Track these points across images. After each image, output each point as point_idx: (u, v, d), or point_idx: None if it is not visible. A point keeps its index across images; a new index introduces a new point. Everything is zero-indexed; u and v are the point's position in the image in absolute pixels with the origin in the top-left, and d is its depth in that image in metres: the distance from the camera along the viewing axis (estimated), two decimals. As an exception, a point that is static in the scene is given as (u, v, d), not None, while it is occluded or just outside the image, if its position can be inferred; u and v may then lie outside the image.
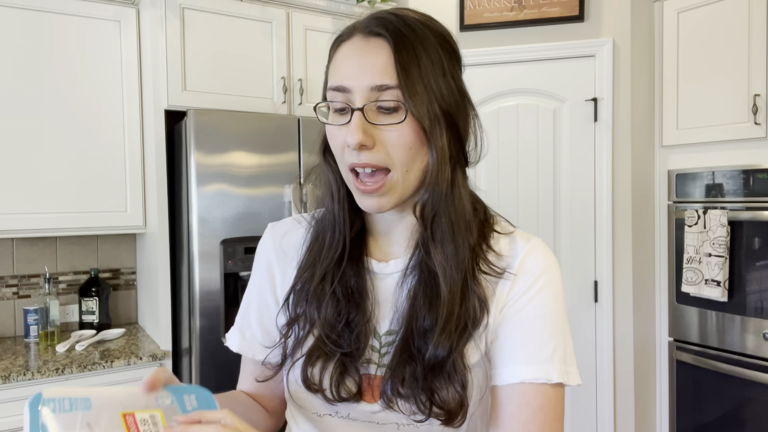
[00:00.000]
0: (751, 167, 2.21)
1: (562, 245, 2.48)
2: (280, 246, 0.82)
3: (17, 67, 2.12)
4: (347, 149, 0.67)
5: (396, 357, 0.68)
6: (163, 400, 0.58)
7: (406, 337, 0.68)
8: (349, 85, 0.66)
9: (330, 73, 0.70)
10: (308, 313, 0.73)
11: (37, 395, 0.53)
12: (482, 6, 2.49)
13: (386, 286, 0.73)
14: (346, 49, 0.69)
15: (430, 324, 0.67)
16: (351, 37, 0.69)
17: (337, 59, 0.70)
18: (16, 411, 1.90)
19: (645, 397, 2.52)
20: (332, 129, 0.69)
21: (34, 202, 2.15)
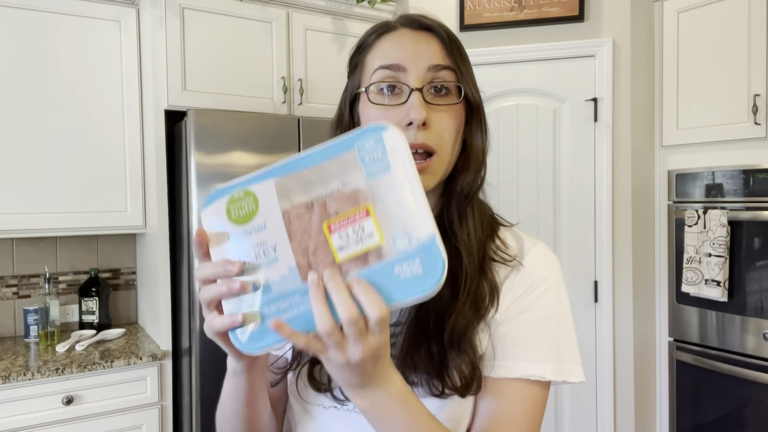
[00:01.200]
0: (751, 167, 2.21)
1: (562, 245, 2.48)
2: None
3: (17, 67, 2.12)
4: (404, 129, 0.67)
5: (407, 340, 0.68)
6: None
7: (419, 318, 0.68)
8: (405, 65, 0.68)
9: (373, 58, 0.71)
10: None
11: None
12: (482, 6, 2.49)
13: None
14: (394, 37, 0.71)
15: (448, 301, 0.68)
16: (396, 29, 0.72)
17: (383, 45, 0.71)
18: (16, 411, 1.90)
19: (645, 397, 2.52)
20: (381, 110, 0.69)
21: (34, 202, 2.15)
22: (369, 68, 0.71)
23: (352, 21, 2.53)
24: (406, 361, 0.67)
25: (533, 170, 2.49)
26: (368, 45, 0.73)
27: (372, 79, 0.70)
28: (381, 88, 0.69)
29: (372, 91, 0.70)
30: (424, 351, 0.67)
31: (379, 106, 0.69)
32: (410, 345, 0.68)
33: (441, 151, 0.69)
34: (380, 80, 0.69)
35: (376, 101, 0.69)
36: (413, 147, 0.66)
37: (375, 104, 0.69)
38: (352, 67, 0.76)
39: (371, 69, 0.71)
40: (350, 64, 0.77)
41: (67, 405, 1.97)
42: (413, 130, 0.67)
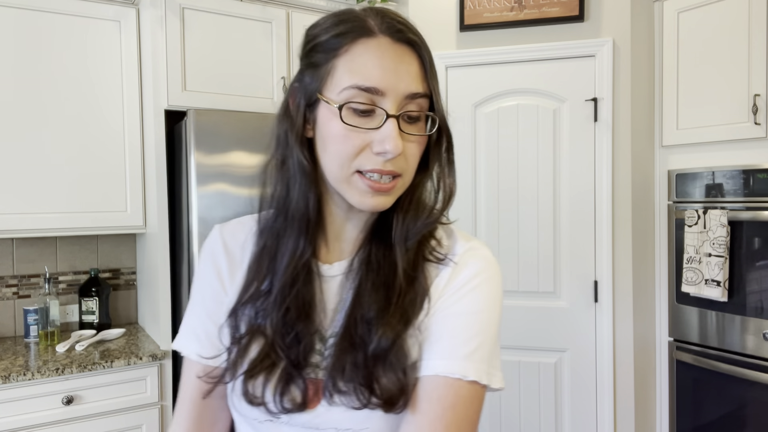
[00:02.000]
0: (751, 167, 2.21)
1: (562, 245, 2.48)
2: (228, 248, 0.78)
3: (17, 67, 2.12)
4: (366, 153, 0.64)
5: (337, 348, 0.66)
6: None
7: (348, 327, 0.67)
8: (384, 89, 0.63)
9: (349, 69, 0.64)
10: (256, 325, 0.69)
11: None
12: (482, 6, 2.49)
13: (332, 288, 0.72)
14: (372, 49, 0.64)
15: (375, 312, 0.66)
16: (375, 37, 0.65)
17: (359, 56, 0.64)
18: (16, 411, 1.90)
19: (645, 397, 2.52)
20: (348, 131, 0.64)
21: (34, 202, 2.15)
22: (339, 79, 0.64)
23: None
24: (335, 364, 0.65)
25: (533, 170, 2.49)
26: (339, 47, 0.65)
27: (343, 95, 0.64)
28: (356, 109, 0.64)
29: (345, 110, 0.64)
30: (351, 361, 0.65)
31: (351, 128, 0.64)
32: (339, 355, 0.66)
33: (405, 174, 0.67)
34: (356, 103, 0.63)
35: (348, 121, 0.64)
36: (380, 173, 0.64)
37: (347, 125, 0.64)
38: (312, 62, 0.68)
39: (342, 82, 0.64)
40: (309, 57, 0.68)
41: (67, 405, 1.97)
42: (381, 159, 0.64)
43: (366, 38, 0.65)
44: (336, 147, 0.65)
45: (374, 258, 0.70)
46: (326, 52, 0.66)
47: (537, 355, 2.50)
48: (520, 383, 2.50)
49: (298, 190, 0.69)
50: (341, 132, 0.65)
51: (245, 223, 0.79)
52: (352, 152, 0.65)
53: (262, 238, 0.73)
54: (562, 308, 2.48)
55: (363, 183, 0.65)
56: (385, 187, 0.65)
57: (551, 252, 2.48)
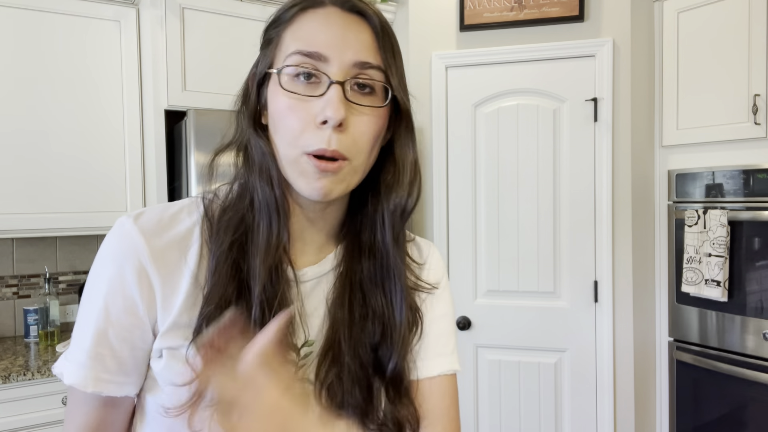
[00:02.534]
0: (751, 167, 2.21)
1: (562, 245, 2.48)
2: (155, 244, 0.62)
3: (17, 67, 2.12)
4: (311, 129, 0.59)
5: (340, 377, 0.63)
6: None
7: (338, 344, 0.64)
8: (327, 54, 0.59)
9: (292, 38, 0.61)
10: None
11: None
12: (482, 6, 2.49)
13: (305, 292, 0.67)
14: (319, 17, 0.61)
15: (377, 338, 0.66)
16: (323, 7, 0.62)
17: (305, 24, 0.61)
18: (16, 411, 1.90)
19: (645, 397, 2.52)
20: (293, 99, 0.59)
21: (34, 202, 2.15)
22: (285, 48, 0.61)
23: None
24: (332, 396, 0.63)
25: (533, 170, 2.49)
26: (287, 19, 0.62)
27: (286, 62, 0.60)
28: (297, 74, 0.60)
29: (285, 75, 0.60)
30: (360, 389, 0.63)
31: (291, 95, 0.60)
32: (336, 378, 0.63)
33: (353, 158, 0.61)
34: (294, 67, 0.60)
35: (289, 88, 0.60)
36: (323, 153, 0.59)
37: (287, 91, 0.60)
38: (265, 41, 0.65)
39: (287, 50, 0.61)
40: (264, 37, 0.66)
41: (67, 405, 1.97)
42: (327, 130, 0.58)
43: (314, 8, 0.62)
44: (283, 123, 0.61)
45: (354, 268, 0.67)
46: (275, 26, 0.64)
47: (537, 355, 2.50)
48: (520, 383, 2.50)
49: (263, 174, 0.63)
50: (286, 104, 0.60)
51: (175, 214, 0.65)
52: (297, 126, 0.59)
53: (228, 233, 0.62)
54: (562, 308, 2.48)
55: (310, 164, 0.59)
56: (331, 167, 0.59)
57: (551, 252, 2.48)
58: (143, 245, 0.61)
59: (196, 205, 0.66)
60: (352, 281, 0.67)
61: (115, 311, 0.61)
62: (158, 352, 0.62)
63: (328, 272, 0.68)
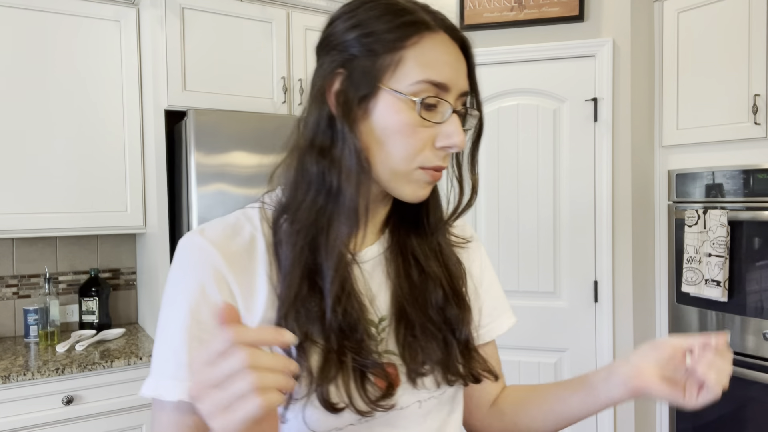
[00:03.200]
0: (751, 167, 2.21)
1: (562, 245, 2.48)
2: (228, 252, 0.65)
3: (17, 66, 2.12)
4: (429, 148, 0.65)
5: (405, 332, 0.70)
6: None
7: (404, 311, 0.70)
8: (451, 85, 0.64)
9: (419, 63, 0.63)
10: (305, 329, 0.63)
11: None
12: (482, 6, 2.49)
13: (367, 271, 0.71)
14: (438, 45, 0.64)
15: (441, 300, 0.72)
16: (437, 32, 0.65)
17: (428, 51, 0.63)
18: (16, 411, 1.90)
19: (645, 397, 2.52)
20: (420, 123, 0.63)
21: (34, 202, 2.15)
22: (409, 72, 0.63)
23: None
24: (413, 356, 0.69)
25: (533, 170, 2.49)
26: (408, 36, 0.63)
27: (415, 89, 0.63)
28: (424, 102, 0.63)
29: (422, 105, 0.63)
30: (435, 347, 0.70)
31: (423, 122, 0.63)
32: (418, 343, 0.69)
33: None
34: (431, 98, 0.63)
35: (427, 117, 0.63)
36: (439, 168, 0.66)
37: (423, 119, 0.63)
38: (369, 50, 0.64)
39: (414, 76, 0.63)
40: (369, 40, 0.64)
41: (67, 405, 1.97)
42: (442, 154, 0.66)
43: (431, 33, 0.64)
44: (402, 141, 0.64)
45: (406, 243, 0.74)
46: (387, 42, 0.63)
47: (537, 355, 2.50)
48: (520, 383, 2.50)
49: (354, 181, 0.64)
50: (410, 125, 0.63)
51: (236, 224, 0.69)
52: (419, 146, 0.64)
53: (300, 236, 0.65)
54: (562, 308, 2.48)
55: (424, 175, 0.66)
56: (438, 177, 0.68)
57: (551, 252, 2.48)
58: (216, 254, 0.65)
59: (251, 213, 0.71)
60: (404, 254, 0.73)
61: (203, 321, 0.63)
62: None
63: (384, 250, 0.74)
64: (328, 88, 0.66)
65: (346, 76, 0.65)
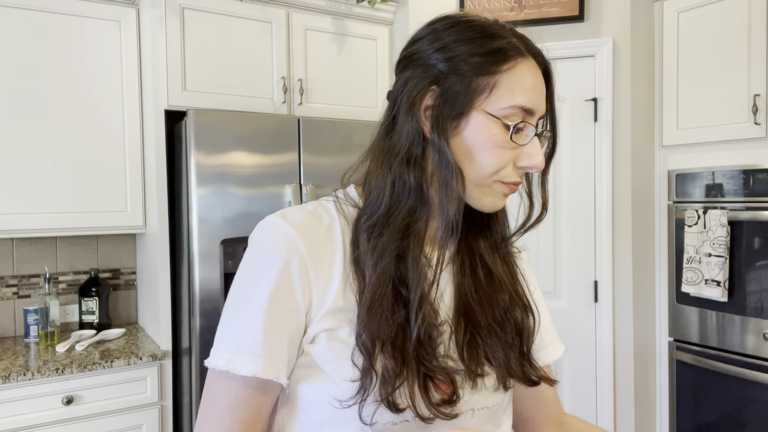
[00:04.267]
0: (751, 167, 2.21)
1: (562, 245, 2.48)
2: (308, 237, 0.68)
3: (17, 66, 2.12)
4: (510, 166, 0.69)
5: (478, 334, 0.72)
6: None
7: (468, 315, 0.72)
8: (536, 110, 0.69)
9: (513, 89, 0.67)
10: (378, 330, 0.65)
11: None
12: (482, 6, 2.49)
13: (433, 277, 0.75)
14: (530, 72, 0.69)
15: (507, 303, 0.75)
16: (528, 59, 0.69)
17: (523, 78, 0.68)
18: (16, 411, 1.90)
19: (645, 397, 2.52)
20: (507, 144, 0.67)
21: (34, 202, 2.15)
22: (502, 96, 0.66)
23: (352, 21, 2.53)
24: (475, 359, 0.71)
25: (533, 170, 2.49)
26: (502, 61, 0.67)
27: (508, 112, 0.66)
28: (517, 129, 0.68)
29: (514, 130, 0.67)
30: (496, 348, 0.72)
31: (510, 143, 0.68)
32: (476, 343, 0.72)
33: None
34: (522, 123, 0.67)
35: (516, 140, 0.68)
36: (517, 184, 0.71)
37: (513, 142, 0.68)
38: (458, 71, 0.67)
39: (506, 100, 0.66)
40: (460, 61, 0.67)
41: (67, 405, 1.97)
42: (520, 172, 0.70)
43: (524, 59, 0.69)
44: (489, 158, 0.68)
45: (473, 246, 0.77)
46: (481, 66, 0.67)
47: (537, 355, 2.50)
48: (520, 383, 2.50)
49: (454, 194, 0.69)
50: (498, 144, 0.67)
51: (314, 212, 0.72)
52: (503, 164, 0.68)
53: (394, 242, 0.68)
54: (562, 308, 2.48)
55: (503, 187, 0.70)
56: (515, 190, 0.73)
57: (551, 252, 2.49)
58: (299, 238, 0.67)
59: (328, 205, 0.73)
60: (471, 254, 0.76)
61: (281, 300, 0.66)
62: (311, 338, 0.68)
63: (456, 256, 0.77)
64: (419, 101, 0.69)
65: (439, 94, 0.68)
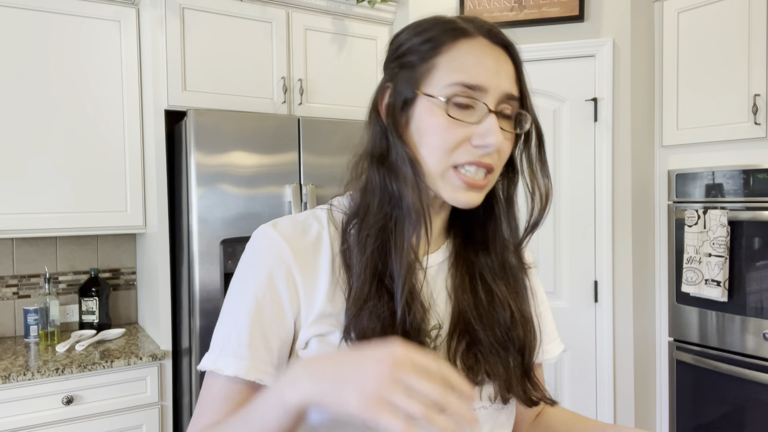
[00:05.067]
0: (751, 167, 2.21)
1: (562, 245, 2.48)
2: (295, 246, 0.71)
3: (17, 66, 2.12)
4: (465, 146, 0.67)
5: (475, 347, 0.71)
6: None
7: (467, 323, 0.72)
8: (487, 86, 0.66)
9: (451, 68, 0.67)
10: (374, 328, 0.66)
11: None
12: (482, 6, 2.49)
13: (431, 278, 0.75)
14: (474, 49, 0.67)
15: (508, 322, 0.73)
16: (474, 37, 0.68)
17: (461, 55, 0.67)
18: (16, 411, 1.90)
19: (645, 397, 2.52)
20: (451, 123, 0.66)
21: (34, 202, 2.15)
22: (442, 76, 0.67)
23: (352, 21, 2.53)
24: (465, 362, 0.70)
25: (533, 170, 2.49)
26: (441, 44, 0.68)
27: (447, 91, 0.66)
28: (457, 103, 0.66)
29: (450, 104, 0.67)
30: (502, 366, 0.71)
31: (454, 121, 0.66)
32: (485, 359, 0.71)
33: (497, 170, 0.70)
34: (461, 97, 0.66)
35: (456, 116, 0.66)
36: (477, 165, 0.67)
37: (453, 118, 0.66)
38: (405, 64, 0.70)
39: (446, 79, 0.67)
40: (401, 60, 0.71)
41: (67, 405, 1.97)
42: (480, 150, 0.66)
43: (466, 38, 0.68)
44: (436, 139, 0.67)
45: (472, 260, 0.75)
46: (423, 53, 0.69)
47: (537, 355, 2.50)
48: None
49: (411, 184, 0.68)
50: (443, 124, 0.66)
51: (305, 221, 0.74)
52: (452, 144, 0.67)
53: (372, 237, 0.69)
54: (562, 308, 2.48)
55: (457, 179, 0.67)
56: (480, 184, 0.68)
57: (551, 252, 2.49)
58: (286, 247, 0.70)
59: (320, 213, 0.75)
60: (471, 271, 0.75)
61: (267, 307, 0.69)
62: (304, 343, 0.70)
63: (445, 260, 0.76)
64: (380, 101, 0.72)
65: (392, 90, 0.71)
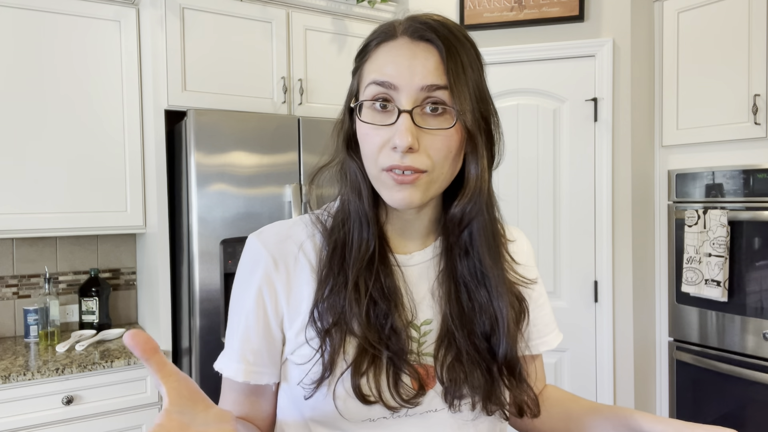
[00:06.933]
0: (751, 167, 2.21)
1: (562, 245, 2.48)
2: (276, 255, 0.74)
3: (17, 67, 2.12)
4: (386, 150, 0.66)
5: (460, 360, 0.70)
6: None
7: (449, 326, 0.72)
8: (397, 83, 0.65)
9: (369, 70, 0.69)
10: (344, 322, 0.69)
11: None
12: (482, 6, 2.49)
13: (413, 276, 0.75)
14: (391, 49, 0.68)
15: (488, 329, 0.72)
16: (395, 39, 0.68)
17: (378, 57, 0.68)
18: (16, 411, 1.90)
19: (645, 397, 2.52)
20: (369, 128, 0.67)
21: (34, 202, 2.15)
22: (365, 80, 0.69)
23: (352, 21, 2.53)
24: (453, 380, 0.70)
25: (533, 170, 2.49)
26: (368, 51, 0.70)
27: (365, 94, 0.68)
28: (373, 105, 0.67)
29: (365, 107, 0.68)
30: (479, 374, 0.70)
31: (369, 125, 0.67)
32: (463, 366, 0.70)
33: (432, 171, 0.67)
34: (372, 97, 0.67)
35: (367, 119, 0.67)
36: (399, 168, 0.65)
37: (365, 123, 0.68)
38: (354, 70, 0.74)
39: (366, 81, 0.68)
40: (354, 65, 0.74)
41: (67, 405, 1.97)
42: (398, 154, 0.65)
43: (388, 41, 0.69)
44: (364, 146, 0.69)
45: (456, 267, 0.74)
46: (360, 58, 0.72)
47: (537, 355, 2.50)
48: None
49: (355, 189, 0.72)
50: (364, 131, 0.68)
51: (291, 228, 0.77)
52: (375, 149, 0.67)
53: (332, 237, 0.73)
54: (562, 308, 2.48)
55: (388, 177, 0.67)
56: (407, 179, 0.66)
57: (551, 252, 2.48)
58: (267, 256, 0.74)
59: (309, 218, 0.77)
60: (455, 278, 0.74)
61: (252, 315, 0.74)
62: (292, 351, 0.73)
63: (431, 259, 0.76)
64: (342, 115, 0.75)
65: (345, 104, 0.74)
